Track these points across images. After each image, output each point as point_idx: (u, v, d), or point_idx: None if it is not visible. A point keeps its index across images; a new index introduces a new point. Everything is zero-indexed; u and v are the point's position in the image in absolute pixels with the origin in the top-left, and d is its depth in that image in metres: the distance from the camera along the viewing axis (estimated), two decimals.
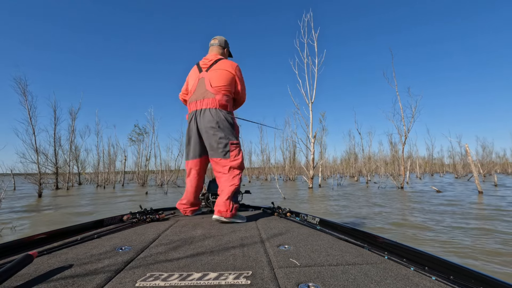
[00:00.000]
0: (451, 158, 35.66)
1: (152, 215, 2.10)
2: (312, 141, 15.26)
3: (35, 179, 13.50)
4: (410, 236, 3.98)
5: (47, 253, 1.22)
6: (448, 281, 0.91)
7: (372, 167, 24.51)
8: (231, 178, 2.11)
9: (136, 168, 24.85)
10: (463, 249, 3.34)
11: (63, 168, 18.97)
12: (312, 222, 1.92)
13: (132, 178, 28.22)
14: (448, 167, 40.26)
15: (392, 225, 4.79)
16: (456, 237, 3.91)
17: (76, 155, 22.31)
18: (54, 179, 17.44)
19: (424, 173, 36.06)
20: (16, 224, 5.39)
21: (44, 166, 16.16)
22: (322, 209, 6.82)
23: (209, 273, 0.98)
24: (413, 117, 14.37)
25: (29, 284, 0.89)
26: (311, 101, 15.34)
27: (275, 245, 1.35)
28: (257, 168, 33.04)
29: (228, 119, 2.15)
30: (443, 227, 4.56)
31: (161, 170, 22.51)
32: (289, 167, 27.37)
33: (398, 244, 1.21)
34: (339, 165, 33.58)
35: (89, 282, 0.91)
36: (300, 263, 1.08)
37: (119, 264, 1.08)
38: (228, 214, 1.97)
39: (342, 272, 0.99)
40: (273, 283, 0.89)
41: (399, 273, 0.98)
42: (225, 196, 2.03)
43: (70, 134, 21.19)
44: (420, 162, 30.64)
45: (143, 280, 0.92)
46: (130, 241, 1.45)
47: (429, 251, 1.13)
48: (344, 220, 5.36)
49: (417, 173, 28.52)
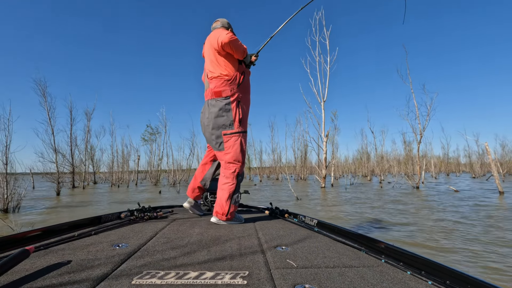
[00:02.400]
0: (468, 157, 34.67)
1: (150, 213, 2.10)
2: (324, 140, 15.12)
3: (53, 178, 13.93)
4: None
5: (43, 249, 1.22)
6: (444, 285, 0.91)
7: (385, 166, 24.08)
8: (226, 175, 1.98)
9: (148, 168, 25.28)
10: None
11: (79, 167, 19.49)
12: (310, 223, 1.91)
13: (145, 177, 28.69)
14: (464, 166, 39.12)
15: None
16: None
17: (91, 155, 22.90)
18: (70, 178, 17.94)
19: (439, 173, 35.16)
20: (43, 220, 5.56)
21: (61, 165, 16.64)
22: (345, 219, 5.73)
23: (206, 272, 0.98)
24: (429, 115, 14.02)
25: (25, 279, 0.89)
26: (323, 99, 15.20)
27: (272, 246, 1.35)
28: (268, 168, 33.00)
29: (222, 106, 1.96)
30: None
31: (173, 169, 22.80)
32: (301, 167, 27.21)
33: (395, 248, 1.20)
34: (351, 164, 33.16)
35: (85, 278, 0.90)
36: (297, 265, 1.08)
37: (115, 261, 1.08)
38: (223, 218, 1.92)
39: (339, 275, 0.99)
40: (270, 284, 0.89)
41: (396, 277, 0.98)
42: (222, 198, 1.94)
43: (86, 134, 21.77)
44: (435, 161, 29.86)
45: (139, 277, 0.92)
46: (127, 238, 1.45)
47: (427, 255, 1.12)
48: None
49: (432, 173, 27.84)
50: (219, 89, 1.98)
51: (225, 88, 1.98)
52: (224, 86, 1.98)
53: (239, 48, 1.96)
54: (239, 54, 1.99)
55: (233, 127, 1.97)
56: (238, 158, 1.97)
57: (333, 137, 24.83)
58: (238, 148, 1.96)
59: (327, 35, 15.60)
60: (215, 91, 1.99)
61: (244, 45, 2.02)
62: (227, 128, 1.97)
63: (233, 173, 1.96)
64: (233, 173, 1.96)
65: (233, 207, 1.94)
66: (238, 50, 1.96)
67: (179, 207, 2.74)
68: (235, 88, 1.99)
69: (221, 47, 1.93)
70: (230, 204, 1.92)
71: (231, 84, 1.99)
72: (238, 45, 1.95)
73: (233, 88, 1.99)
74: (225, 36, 1.89)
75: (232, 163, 1.97)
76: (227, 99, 1.97)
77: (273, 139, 33.46)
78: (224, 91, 1.98)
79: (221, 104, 1.97)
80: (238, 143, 1.97)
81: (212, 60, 2.03)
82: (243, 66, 2.09)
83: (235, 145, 1.96)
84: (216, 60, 2.01)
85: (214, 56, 2.01)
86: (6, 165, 7.68)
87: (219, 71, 2.00)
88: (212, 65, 2.03)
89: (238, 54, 1.99)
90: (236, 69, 2.01)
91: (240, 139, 1.98)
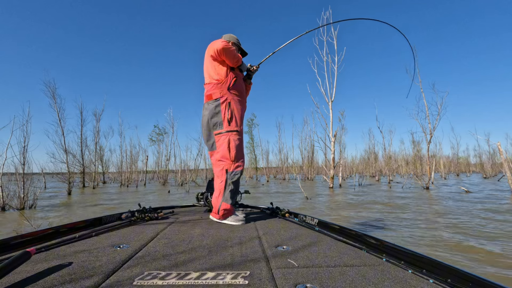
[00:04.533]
0: (478, 157, 34.04)
1: (151, 213, 2.11)
2: (332, 140, 15.05)
3: (64, 178, 14.18)
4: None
5: (45, 250, 1.22)
6: (445, 284, 0.90)
7: (393, 166, 23.82)
8: (217, 174, 2.05)
9: (156, 168, 25.51)
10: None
11: (89, 167, 19.79)
12: (311, 223, 1.91)
13: (153, 177, 28.98)
14: (474, 166, 38.39)
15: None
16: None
17: (100, 155, 23.22)
18: (81, 178, 18.23)
19: (449, 173, 34.62)
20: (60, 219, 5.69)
21: (72, 165, 16.93)
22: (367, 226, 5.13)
23: (207, 272, 0.98)
24: (439, 114, 13.84)
25: (27, 281, 0.89)
26: (331, 99, 15.13)
27: (273, 246, 1.35)
28: (274, 168, 32.97)
29: (212, 108, 2.06)
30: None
31: (181, 169, 22.97)
32: (308, 167, 27.10)
33: (396, 247, 1.20)
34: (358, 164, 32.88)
35: (86, 279, 0.91)
36: (298, 264, 1.08)
37: (117, 262, 1.08)
38: (216, 216, 1.97)
39: (340, 274, 0.98)
40: (271, 284, 0.89)
41: (397, 275, 0.98)
42: (214, 195, 2.02)
43: (95, 135, 22.10)
44: (444, 161, 29.40)
45: (140, 278, 0.92)
46: (128, 239, 1.46)
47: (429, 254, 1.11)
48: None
49: (442, 173, 27.41)
50: (210, 93, 2.10)
51: (215, 91, 2.08)
52: (214, 89, 2.09)
53: (233, 56, 2.06)
54: (232, 61, 2.09)
55: (222, 126, 2.05)
56: (226, 155, 2.01)
57: (341, 137, 24.68)
58: (226, 146, 2.02)
59: (335, 34, 15.52)
60: (207, 95, 2.12)
61: (239, 55, 2.14)
62: (217, 128, 2.06)
63: (222, 170, 2.01)
64: (221, 170, 2.01)
65: (224, 204, 1.97)
66: (230, 57, 2.06)
67: (180, 208, 2.75)
68: (224, 91, 2.08)
69: (217, 54, 2.03)
70: (221, 201, 1.97)
71: (221, 87, 2.08)
72: (232, 53, 2.05)
73: (223, 91, 2.08)
74: (220, 44, 2.00)
75: (220, 161, 2.03)
76: (217, 101, 2.06)
77: (280, 139, 33.46)
78: (214, 94, 2.08)
79: (211, 106, 2.07)
80: (227, 142, 2.02)
81: (206, 67, 2.16)
82: (235, 72, 2.17)
83: (223, 143, 2.03)
84: (209, 67, 2.13)
85: (209, 63, 2.12)
86: (23, 165, 7.85)
87: (211, 76, 2.12)
88: (206, 72, 2.16)
89: (231, 62, 2.09)
90: (227, 74, 2.10)
91: (228, 138, 2.03)
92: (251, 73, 2.37)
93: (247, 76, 2.38)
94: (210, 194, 2.47)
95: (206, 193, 2.53)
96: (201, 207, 2.76)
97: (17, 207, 7.11)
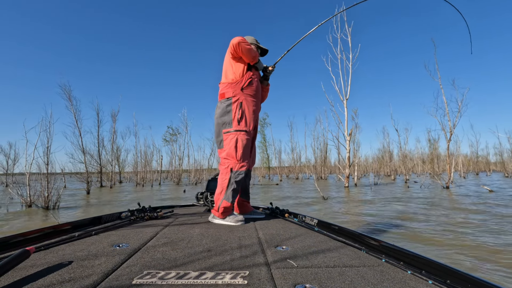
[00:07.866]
0: (499, 155, 32.82)
1: (151, 213, 2.12)
2: (347, 139, 14.83)
3: (83, 178, 14.58)
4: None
5: (44, 249, 1.22)
6: (445, 285, 0.90)
7: (409, 165, 23.26)
8: (221, 171, 2.06)
9: (170, 167, 25.87)
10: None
11: (106, 167, 20.27)
12: (310, 223, 1.91)
13: (167, 176, 29.40)
14: (494, 165, 37.05)
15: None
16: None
17: (117, 155, 23.75)
18: (98, 178, 18.70)
19: (468, 172, 33.54)
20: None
21: (90, 165, 17.39)
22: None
23: (206, 272, 0.98)
24: (459, 111, 13.39)
25: (26, 280, 0.89)
26: (346, 97, 14.91)
27: (272, 246, 1.35)
28: (287, 167, 32.85)
29: (224, 107, 2.09)
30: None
31: (194, 169, 23.22)
32: (321, 166, 26.86)
33: (395, 248, 1.20)
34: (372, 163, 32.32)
35: (86, 278, 0.91)
36: (297, 264, 1.08)
37: (116, 261, 1.08)
38: (216, 213, 1.97)
39: (339, 274, 0.98)
40: (270, 284, 0.89)
41: (396, 276, 0.97)
42: (217, 192, 2.03)
43: (112, 135, 22.60)
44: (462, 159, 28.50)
45: (140, 277, 0.92)
46: (128, 238, 1.46)
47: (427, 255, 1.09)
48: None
49: (460, 172, 26.60)
50: (223, 91, 2.13)
51: (228, 90, 2.11)
52: (227, 88, 2.12)
53: (249, 51, 2.06)
54: (248, 57, 2.09)
55: (231, 125, 2.06)
56: (232, 154, 2.02)
57: (355, 135, 24.32)
58: (233, 144, 2.02)
59: (349, 31, 15.28)
60: (220, 93, 2.16)
61: (256, 51, 2.14)
62: (226, 126, 2.08)
63: (227, 168, 2.02)
64: (226, 168, 2.02)
65: (225, 202, 1.96)
66: (246, 53, 2.06)
67: (180, 207, 2.76)
68: (237, 90, 2.09)
69: (234, 50, 2.06)
70: (222, 199, 1.97)
71: (235, 86, 2.10)
72: (248, 49, 2.06)
73: (236, 90, 2.09)
74: (237, 39, 2.03)
75: (226, 159, 2.04)
76: (229, 100, 2.09)
77: (292, 139, 33.31)
78: (227, 93, 2.11)
79: (223, 105, 2.10)
80: (234, 141, 2.03)
81: (225, 66, 2.19)
82: (252, 72, 2.17)
83: (231, 142, 2.03)
84: (227, 65, 2.16)
85: (228, 61, 2.16)
86: (47, 166, 8.12)
87: (227, 76, 2.15)
88: (224, 71, 2.20)
89: (248, 57, 2.09)
90: (243, 75, 2.12)
91: (236, 137, 2.03)
92: (268, 74, 2.36)
93: (264, 77, 2.37)
94: (210, 194, 2.48)
95: (206, 193, 2.53)
96: (201, 206, 2.75)
97: (42, 205, 7.36)
